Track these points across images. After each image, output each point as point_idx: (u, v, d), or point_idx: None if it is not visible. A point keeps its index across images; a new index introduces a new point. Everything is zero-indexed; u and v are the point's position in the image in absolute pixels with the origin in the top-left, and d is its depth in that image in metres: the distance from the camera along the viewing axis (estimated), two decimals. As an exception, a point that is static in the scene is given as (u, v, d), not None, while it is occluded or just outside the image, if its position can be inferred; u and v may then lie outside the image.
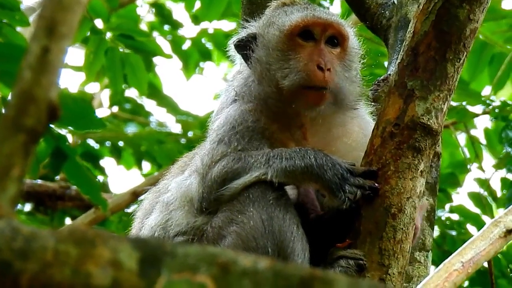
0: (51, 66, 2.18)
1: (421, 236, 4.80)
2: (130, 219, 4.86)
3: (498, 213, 7.11)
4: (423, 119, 4.02)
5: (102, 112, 10.05)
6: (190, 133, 9.27)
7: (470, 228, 7.66)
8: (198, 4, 8.63)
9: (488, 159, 8.50)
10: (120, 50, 7.62)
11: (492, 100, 7.58)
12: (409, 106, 4.03)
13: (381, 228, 4.01)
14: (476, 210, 7.83)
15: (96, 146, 9.19)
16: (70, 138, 8.90)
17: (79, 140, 9.11)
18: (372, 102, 4.65)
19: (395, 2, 5.19)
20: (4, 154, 2.14)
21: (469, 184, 9.89)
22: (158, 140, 8.94)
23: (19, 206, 8.60)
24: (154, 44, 8.67)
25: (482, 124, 8.68)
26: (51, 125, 3.04)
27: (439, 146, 4.77)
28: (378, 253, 4.01)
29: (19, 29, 5.46)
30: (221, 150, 4.23)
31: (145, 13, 10.01)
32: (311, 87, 4.25)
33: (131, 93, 9.89)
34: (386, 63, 5.48)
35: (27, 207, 8.92)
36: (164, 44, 9.54)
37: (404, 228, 4.01)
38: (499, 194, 7.90)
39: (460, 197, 8.49)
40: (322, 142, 4.33)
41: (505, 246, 4.64)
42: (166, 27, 9.79)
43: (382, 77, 4.96)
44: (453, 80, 4.06)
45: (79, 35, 7.51)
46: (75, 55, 11.80)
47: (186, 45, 9.76)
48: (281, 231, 4.02)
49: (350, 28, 4.48)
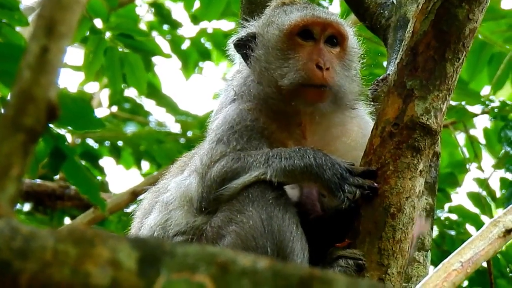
0: (50, 66, 2.18)
1: (420, 236, 4.80)
2: (129, 218, 4.86)
3: (497, 213, 7.11)
4: (422, 119, 4.02)
5: (101, 112, 10.05)
6: (189, 133, 9.26)
7: (469, 228, 7.65)
8: (197, 4, 8.62)
9: (488, 159, 8.50)
10: (119, 49, 7.62)
11: (491, 100, 7.58)
12: (408, 106, 4.03)
13: (381, 227, 4.01)
14: (475, 210, 7.83)
15: (95, 145, 9.19)
16: (69, 137, 8.90)
17: (79, 139, 9.11)
18: (371, 101, 4.65)
19: (394, 1, 5.18)
20: (3, 153, 2.14)
21: (468, 184, 9.89)
22: (157, 139, 8.93)
23: (18, 205, 8.59)
24: (153, 43, 8.67)
25: (481, 124, 8.68)
26: (50, 125, 3.04)
27: (438, 146, 4.77)
28: (377, 252, 4.01)
29: (18, 28, 5.46)
30: (220, 150, 4.23)
31: (144, 12, 10.01)
32: (310, 85, 4.25)
33: (130, 92, 9.89)
34: (385, 63, 5.48)
35: (26, 206, 8.91)
36: (163, 43, 9.55)
37: (403, 228, 4.01)
38: (498, 194, 7.89)
39: (459, 197, 8.49)
40: (321, 141, 4.33)
41: (504, 246, 4.64)
42: (165, 27, 9.79)
43: (381, 77, 4.96)
44: (452, 79, 4.06)
45: (78, 35, 7.50)
46: (74, 54, 11.78)
47: (185, 45, 9.77)
48: (281, 230, 4.02)
49: (350, 28, 4.48)
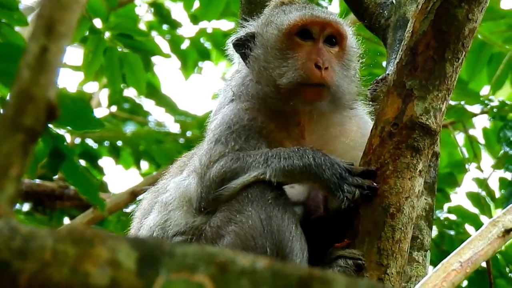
0: (50, 66, 2.18)
1: (420, 236, 4.80)
2: (128, 218, 4.86)
3: (496, 213, 7.12)
4: (421, 118, 4.02)
5: (100, 112, 10.04)
6: (189, 133, 9.26)
7: (469, 228, 7.65)
8: (197, 4, 8.62)
9: (487, 159, 8.50)
10: (119, 49, 7.62)
11: (490, 100, 7.58)
12: (407, 106, 4.03)
13: (380, 227, 4.01)
14: (475, 210, 7.83)
15: (95, 145, 9.19)
16: (68, 137, 8.90)
17: (78, 139, 9.10)
18: (370, 101, 4.64)
19: (394, 1, 5.18)
20: (2, 153, 2.14)
21: (468, 184, 9.89)
22: (157, 139, 8.93)
23: (17, 205, 8.59)
24: (153, 43, 8.67)
25: (481, 124, 8.68)
26: (50, 125, 3.04)
27: (437, 145, 4.77)
28: (377, 252, 4.01)
29: (17, 28, 5.46)
30: (219, 150, 4.23)
31: (143, 12, 10.01)
32: (309, 84, 4.25)
33: (129, 92, 9.89)
34: (384, 63, 5.49)
35: (26, 206, 8.91)
36: (162, 43, 9.55)
37: (402, 228, 4.01)
38: (497, 194, 7.89)
39: (459, 197, 8.49)
40: (320, 141, 4.33)
41: (504, 245, 4.63)
42: (165, 27, 9.79)
43: (380, 77, 4.95)
44: (451, 79, 4.06)
45: (77, 35, 7.50)
46: (74, 54, 11.78)
47: (185, 45, 9.76)
48: (280, 230, 4.02)
49: (349, 27, 4.48)
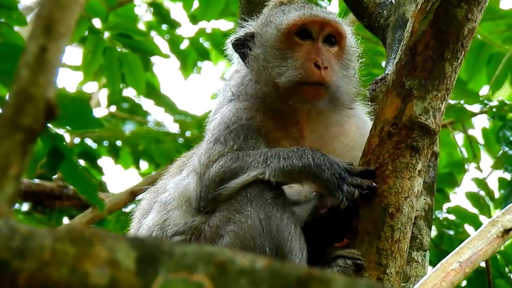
0: (49, 65, 2.17)
1: (419, 236, 4.80)
2: (127, 218, 4.86)
3: (495, 213, 7.12)
4: (421, 118, 4.02)
5: (100, 112, 10.03)
6: (188, 133, 9.26)
7: (468, 228, 7.65)
8: (196, 4, 8.62)
9: (486, 159, 8.50)
10: (118, 49, 7.62)
11: (490, 99, 7.57)
12: (407, 106, 4.03)
13: (379, 227, 4.01)
14: (474, 210, 7.83)
15: (94, 145, 9.18)
16: (67, 137, 8.90)
17: (78, 139, 9.10)
18: (370, 101, 4.64)
19: (393, 1, 5.18)
20: (1, 153, 2.14)
21: (467, 184, 9.88)
22: (156, 139, 8.92)
23: (16, 205, 8.59)
24: (152, 43, 8.67)
25: (480, 124, 8.68)
26: (49, 125, 3.04)
27: (437, 145, 4.77)
28: (376, 252, 4.01)
29: (17, 28, 5.46)
30: (218, 149, 4.23)
31: (143, 12, 10.00)
32: (308, 83, 4.25)
33: (129, 92, 9.89)
34: (383, 63, 5.49)
35: (25, 206, 8.91)
36: (162, 43, 9.55)
37: (402, 228, 4.01)
38: (496, 194, 7.89)
39: (458, 197, 8.48)
40: (319, 140, 4.33)
41: (503, 245, 4.63)
42: (164, 27, 9.78)
43: (380, 77, 4.95)
44: (451, 79, 4.06)
45: (77, 35, 7.50)
46: (73, 54, 11.79)
47: (184, 45, 9.76)
48: (279, 230, 4.02)
49: (348, 27, 4.48)
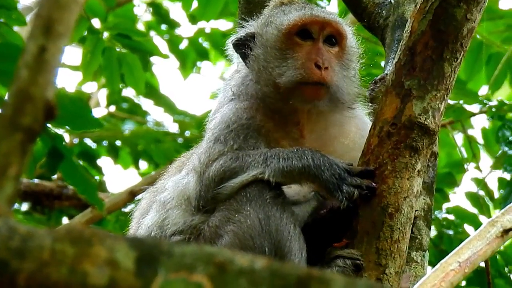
0: (48, 65, 2.17)
1: (418, 236, 4.80)
2: (127, 218, 4.86)
3: (495, 213, 7.12)
4: (420, 118, 4.02)
5: (99, 112, 10.03)
6: (187, 133, 9.26)
7: (467, 228, 7.65)
8: (195, 4, 8.62)
9: (486, 159, 8.50)
10: (117, 49, 7.61)
11: (489, 99, 7.57)
12: (406, 106, 4.03)
13: (378, 227, 4.01)
14: (473, 210, 7.83)
15: (93, 145, 9.18)
16: (67, 137, 8.89)
17: (77, 139, 9.10)
18: (369, 102, 4.64)
19: (392, 1, 5.18)
20: (1, 153, 2.14)
21: (466, 184, 9.88)
22: (155, 139, 8.92)
23: (16, 205, 8.59)
24: (151, 43, 8.67)
25: (479, 124, 8.68)
26: (48, 125, 3.04)
27: (436, 145, 4.77)
28: (375, 252, 4.01)
29: (16, 28, 5.46)
30: (218, 149, 4.23)
31: (142, 12, 10.00)
32: (308, 83, 4.25)
33: (128, 92, 9.89)
34: (383, 63, 5.48)
35: (24, 206, 8.91)
36: (161, 43, 9.55)
37: (401, 228, 4.01)
38: (496, 194, 7.89)
39: (457, 197, 8.48)
40: (319, 140, 4.33)
41: (502, 245, 4.63)
42: (163, 27, 9.78)
43: (379, 77, 4.95)
44: (450, 79, 4.06)
45: (76, 35, 7.50)
46: (72, 54, 11.78)
47: (183, 45, 9.76)
48: (278, 230, 4.02)
49: (348, 27, 4.48)
